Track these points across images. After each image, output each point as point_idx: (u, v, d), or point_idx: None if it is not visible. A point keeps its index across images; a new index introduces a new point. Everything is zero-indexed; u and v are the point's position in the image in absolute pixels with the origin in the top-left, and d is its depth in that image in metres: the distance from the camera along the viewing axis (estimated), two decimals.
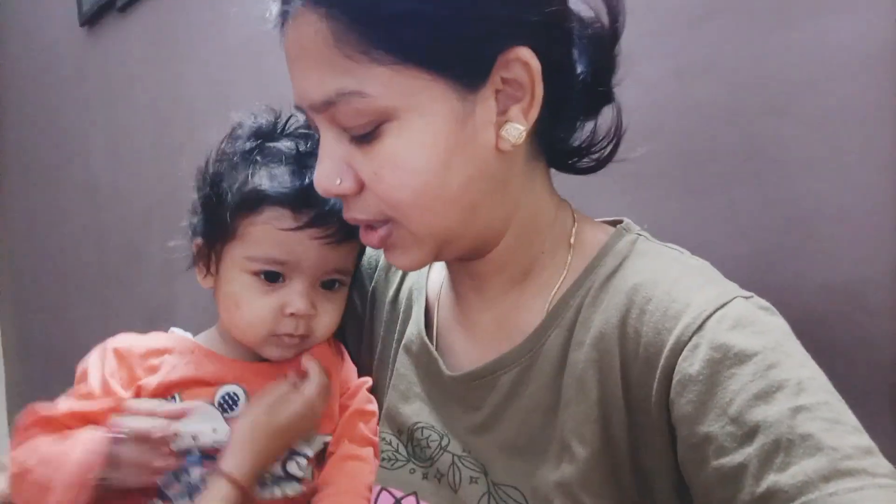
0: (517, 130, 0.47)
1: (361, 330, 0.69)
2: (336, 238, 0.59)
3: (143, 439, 0.55)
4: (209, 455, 0.57)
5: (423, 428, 0.58)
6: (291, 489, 0.60)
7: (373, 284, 0.69)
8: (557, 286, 0.54)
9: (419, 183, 0.46)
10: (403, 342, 0.62)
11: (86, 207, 1.86)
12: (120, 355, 0.62)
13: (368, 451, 0.63)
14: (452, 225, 0.49)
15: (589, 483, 0.48)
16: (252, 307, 0.60)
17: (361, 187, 0.48)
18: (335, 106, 0.45)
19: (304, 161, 0.59)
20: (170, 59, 1.48)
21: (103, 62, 1.72)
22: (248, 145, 0.62)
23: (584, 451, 0.48)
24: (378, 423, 0.64)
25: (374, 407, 0.65)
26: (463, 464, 0.54)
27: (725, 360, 0.42)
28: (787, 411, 0.39)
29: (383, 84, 0.44)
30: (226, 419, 0.59)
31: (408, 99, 0.44)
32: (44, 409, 0.58)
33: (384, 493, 0.58)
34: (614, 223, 0.57)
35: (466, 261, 0.56)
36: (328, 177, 0.48)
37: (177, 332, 0.67)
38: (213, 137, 1.57)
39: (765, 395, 0.40)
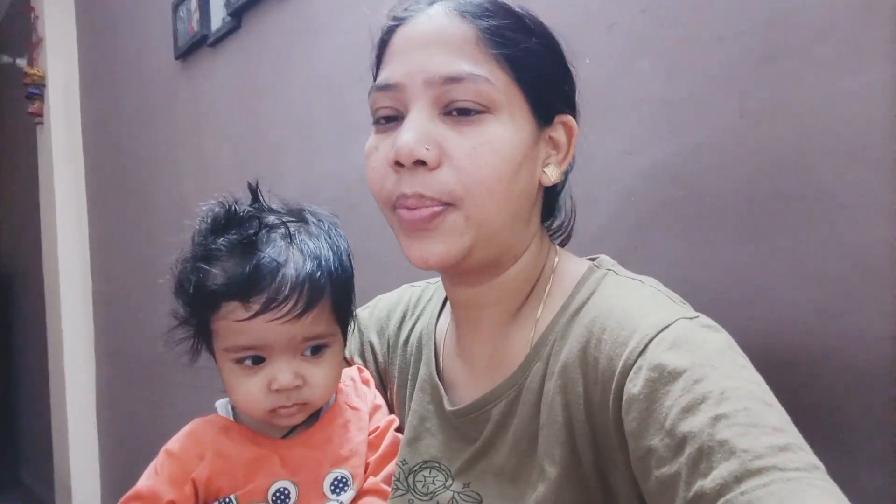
0: (555, 172, 0.59)
1: (382, 376, 0.77)
2: (293, 314, 0.60)
3: None
4: None
5: (431, 468, 0.63)
6: None
7: (388, 334, 0.76)
8: (538, 320, 0.59)
9: (504, 170, 0.53)
10: (418, 382, 0.68)
11: (174, 226, 1.98)
12: (171, 455, 0.66)
13: (388, 488, 0.67)
14: (500, 222, 0.55)
15: (560, 502, 0.52)
16: (243, 390, 0.63)
17: (440, 163, 0.53)
18: (458, 83, 0.53)
19: (248, 247, 0.61)
20: (252, 92, 1.58)
21: (194, 92, 1.85)
22: (198, 248, 0.64)
23: (554, 471, 0.52)
24: None
25: None
26: (462, 498, 0.59)
27: (661, 379, 0.46)
28: (707, 420, 0.42)
29: (501, 83, 0.54)
30: None
31: (510, 104, 0.54)
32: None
33: None
34: (594, 259, 0.62)
35: (473, 284, 0.60)
36: (419, 142, 0.53)
37: (219, 406, 0.71)
38: (291, 166, 1.63)
39: (691, 408, 0.43)
